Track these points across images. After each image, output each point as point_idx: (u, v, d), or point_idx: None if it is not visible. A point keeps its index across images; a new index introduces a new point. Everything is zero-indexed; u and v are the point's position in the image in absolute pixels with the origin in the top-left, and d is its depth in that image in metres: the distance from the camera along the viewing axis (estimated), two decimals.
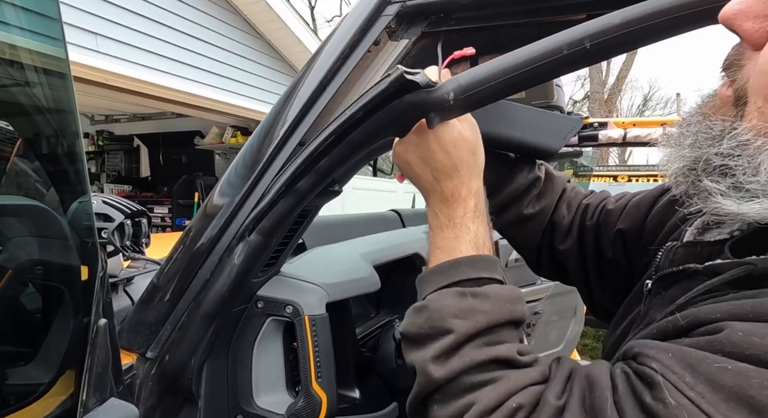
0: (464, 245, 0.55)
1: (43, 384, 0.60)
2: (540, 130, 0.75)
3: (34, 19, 0.57)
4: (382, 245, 1.14)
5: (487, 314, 0.50)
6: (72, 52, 3.15)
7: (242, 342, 0.79)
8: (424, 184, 0.59)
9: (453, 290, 0.52)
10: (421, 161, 0.58)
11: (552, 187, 0.81)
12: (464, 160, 0.57)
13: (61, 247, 0.65)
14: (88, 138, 6.85)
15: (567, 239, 0.79)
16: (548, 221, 0.80)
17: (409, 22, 0.68)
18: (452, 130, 0.57)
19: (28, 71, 0.58)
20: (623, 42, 0.50)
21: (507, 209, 0.79)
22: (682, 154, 0.46)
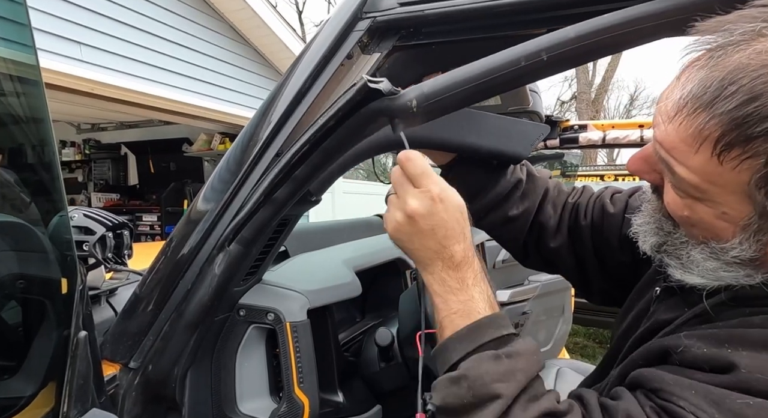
0: (481, 305, 0.56)
1: (26, 397, 0.61)
2: (509, 138, 0.78)
3: (1, 26, 0.57)
4: (365, 251, 1.16)
5: (525, 371, 0.52)
6: (56, 62, 3.12)
7: (225, 350, 0.80)
8: (428, 253, 0.57)
9: (487, 354, 0.52)
10: (431, 231, 0.56)
11: (534, 188, 0.83)
12: (467, 223, 0.58)
13: (42, 261, 0.66)
14: (74, 147, 6.78)
15: (557, 238, 0.82)
16: (533, 220, 0.82)
17: (380, 37, 0.71)
18: (457, 197, 0.57)
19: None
20: (578, 54, 0.53)
21: (492, 211, 0.82)
22: (651, 235, 0.56)
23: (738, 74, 0.41)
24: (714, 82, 0.42)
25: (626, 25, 0.50)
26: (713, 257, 0.49)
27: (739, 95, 0.40)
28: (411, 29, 0.69)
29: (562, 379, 1.62)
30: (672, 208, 0.52)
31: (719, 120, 0.42)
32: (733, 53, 0.42)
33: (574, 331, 4.60)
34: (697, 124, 0.43)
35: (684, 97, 0.45)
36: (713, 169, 0.44)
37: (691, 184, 0.47)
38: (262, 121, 0.72)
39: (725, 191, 0.45)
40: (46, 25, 3.24)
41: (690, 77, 0.45)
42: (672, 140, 0.47)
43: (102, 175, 6.73)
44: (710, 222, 0.48)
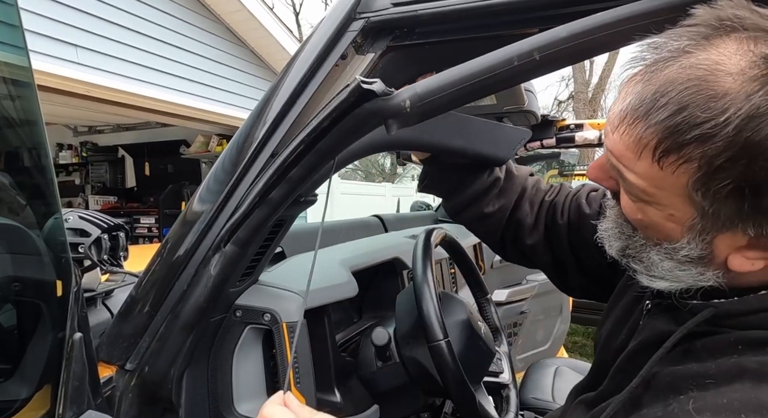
0: None
1: (21, 400, 0.61)
2: (493, 142, 0.80)
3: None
4: (362, 251, 1.16)
5: None
6: (52, 65, 3.12)
7: (222, 351, 0.80)
8: None
9: None
10: None
11: (511, 186, 0.87)
12: None
13: (36, 263, 0.66)
14: (71, 150, 6.77)
15: (533, 235, 0.85)
16: (509, 216, 0.86)
17: (374, 37, 0.71)
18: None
19: None
20: (570, 53, 0.53)
21: (469, 207, 0.86)
22: (615, 240, 0.58)
23: (668, 87, 0.44)
24: (648, 95, 0.46)
25: (618, 23, 0.50)
26: (668, 257, 0.51)
27: (669, 106, 0.44)
28: (404, 29, 0.69)
29: (560, 377, 1.62)
30: (627, 211, 0.54)
31: (654, 129, 0.45)
32: (664, 69, 0.45)
33: (573, 330, 4.60)
34: (636, 133, 0.47)
35: (624, 110, 0.48)
36: (656, 174, 0.47)
37: (640, 189, 0.49)
38: (257, 122, 0.72)
39: (670, 194, 0.48)
40: (42, 27, 3.23)
41: (629, 91, 0.48)
42: (619, 148, 0.50)
43: (99, 178, 6.72)
44: (661, 224, 0.51)
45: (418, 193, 8.70)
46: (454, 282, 1.61)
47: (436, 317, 0.76)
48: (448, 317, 0.85)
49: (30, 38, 3.12)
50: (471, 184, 0.84)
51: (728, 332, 0.49)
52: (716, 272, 0.49)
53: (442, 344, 0.75)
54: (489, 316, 1.12)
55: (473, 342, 0.87)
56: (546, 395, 1.53)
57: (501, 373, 1.00)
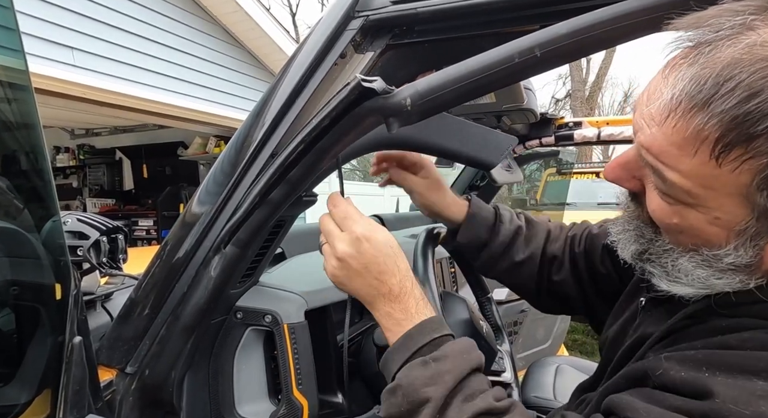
0: None
1: (21, 405, 0.61)
2: (485, 146, 0.82)
3: None
4: None
5: (452, 372, 0.53)
6: (49, 67, 3.11)
7: (223, 353, 0.79)
8: (369, 291, 0.60)
9: (417, 361, 0.55)
10: (364, 269, 0.59)
11: (536, 232, 0.89)
12: (399, 255, 0.61)
13: (35, 266, 0.66)
14: (68, 152, 6.75)
15: (561, 271, 0.87)
16: (540, 261, 0.88)
17: (373, 36, 0.70)
18: (382, 233, 0.61)
19: None
20: (571, 50, 0.53)
21: (500, 259, 0.88)
22: (631, 243, 0.55)
23: (734, 70, 0.38)
24: (708, 80, 0.39)
25: (620, 19, 0.50)
26: (705, 265, 0.47)
27: (738, 92, 0.38)
28: (404, 27, 0.68)
29: (561, 375, 1.62)
30: (658, 215, 0.49)
31: (718, 119, 0.39)
32: (724, 48, 0.39)
33: (573, 328, 4.61)
34: (693, 125, 0.41)
35: (676, 97, 0.42)
36: (709, 172, 0.42)
37: (683, 190, 0.44)
38: (256, 123, 0.72)
39: (720, 195, 0.43)
40: (38, 30, 3.22)
41: (678, 76, 0.42)
42: (660, 144, 0.44)
43: (97, 181, 6.70)
44: (701, 228, 0.46)
45: None
46: (455, 281, 1.61)
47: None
48: (450, 316, 0.84)
49: (25, 41, 3.09)
50: (496, 236, 0.86)
51: (721, 319, 0.48)
52: (759, 280, 0.46)
53: None
54: (490, 315, 1.11)
55: (475, 341, 0.87)
56: (547, 394, 1.52)
57: (503, 372, 0.99)
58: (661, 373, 0.46)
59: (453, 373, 0.53)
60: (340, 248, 0.60)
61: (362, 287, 0.60)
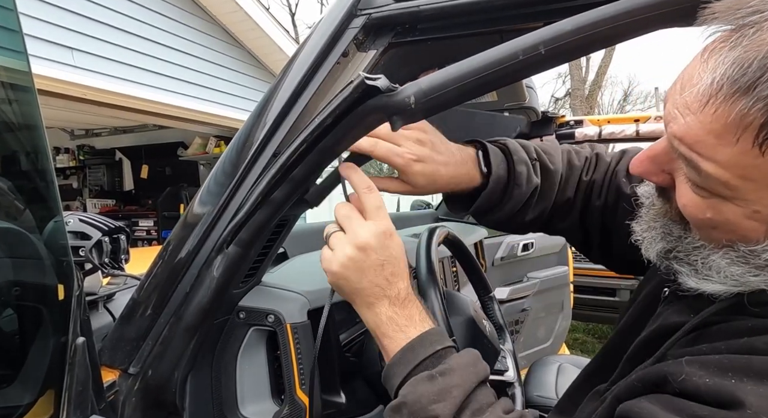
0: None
1: (24, 406, 0.60)
2: (492, 132, 0.79)
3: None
4: None
5: (461, 386, 0.51)
6: (48, 68, 3.10)
7: (225, 353, 0.79)
8: (375, 291, 0.56)
9: (422, 376, 0.52)
10: (380, 266, 0.56)
11: (550, 185, 0.76)
12: (406, 260, 0.58)
13: (37, 267, 0.65)
14: (68, 153, 6.75)
15: (567, 219, 0.78)
16: (549, 213, 0.78)
17: (376, 34, 0.70)
18: (395, 234, 0.58)
19: None
20: (576, 47, 0.52)
21: (509, 221, 0.77)
22: (657, 241, 0.52)
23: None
24: (754, 62, 0.37)
25: (624, 15, 0.49)
26: (741, 261, 0.45)
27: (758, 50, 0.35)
28: (406, 26, 0.68)
29: (563, 374, 1.62)
30: (691, 211, 0.47)
31: (765, 104, 0.37)
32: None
33: (574, 327, 4.61)
34: (736, 110, 0.38)
35: (717, 81, 0.39)
36: (750, 162, 0.39)
37: (720, 182, 0.42)
38: (258, 122, 0.71)
39: (761, 186, 0.40)
40: (38, 31, 3.22)
41: (721, 59, 0.39)
42: (696, 133, 0.41)
43: (97, 181, 6.70)
44: (738, 223, 0.44)
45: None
46: (456, 280, 1.61)
47: (441, 316, 0.76)
48: (453, 315, 0.84)
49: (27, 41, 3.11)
50: (509, 199, 0.73)
51: (746, 319, 0.46)
52: None
53: None
54: (493, 314, 1.11)
55: (478, 341, 0.86)
56: (550, 393, 1.52)
57: (506, 371, 0.99)
58: (683, 378, 0.43)
59: (461, 387, 0.51)
60: (363, 237, 0.56)
61: (369, 286, 0.56)
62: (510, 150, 0.74)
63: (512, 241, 2.41)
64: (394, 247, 0.57)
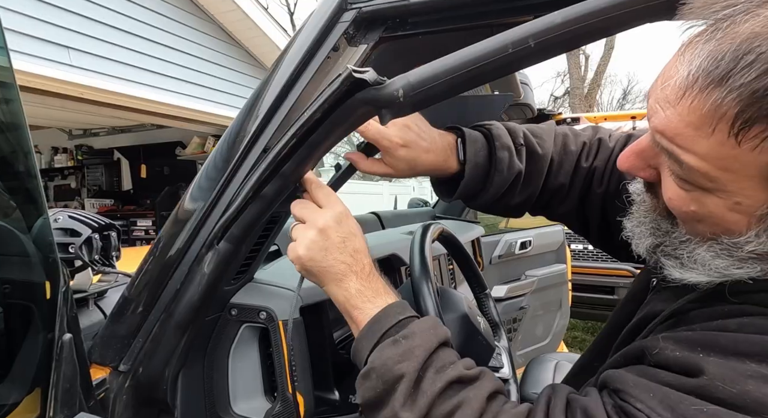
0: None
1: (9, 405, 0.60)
2: (479, 112, 0.79)
3: None
4: None
5: (422, 346, 0.54)
6: (45, 67, 3.10)
7: (218, 350, 0.79)
8: (341, 268, 0.59)
9: (386, 342, 0.55)
10: (341, 242, 0.60)
11: (537, 169, 0.76)
12: (364, 238, 0.62)
13: (26, 264, 0.65)
14: (66, 153, 6.73)
15: (566, 203, 0.78)
16: (537, 198, 0.78)
17: (366, 28, 0.70)
18: (351, 215, 0.62)
19: None
20: (566, 40, 0.52)
21: (495, 204, 0.78)
22: (646, 237, 0.54)
23: (753, 43, 0.37)
24: (727, 54, 0.38)
25: (615, 8, 0.49)
26: (725, 254, 0.45)
27: (758, 64, 0.36)
28: (397, 20, 0.68)
29: (560, 372, 1.61)
30: (675, 204, 0.48)
31: (738, 94, 0.37)
32: (742, 22, 0.38)
33: (572, 325, 4.61)
34: (711, 101, 0.39)
35: (693, 74, 0.40)
36: (728, 153, 0.40)
37: (701, 173, 0.43)
38: (248, 117, 0.71)
39: (740, 177, 0.41)
40: (34, 29, 3.21)
41: (696, 52, 0.40)
42: (676, 126, 0.42)
43: (95, 181, 6.69)
44: (721, 215, 0.45)
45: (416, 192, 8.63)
46: (453, 278, 1.60)
47: (434, 312, 0.75)
48: (447, 312, 0.84)
49: (21, 40, 3.10)
50: (490, 185, 0.74)
51: (724, 305, 0.48)
52: None
53: None
54: (488, 311, 1.11)
55: (472, 337, 0.86)
56: None
57: (501, 368, 0.99)
58: (657, 352, 0.47)
59: (423, 347, 0.54)
60: (322, 220, 0.60)
61: (336, 263, 0.59)
62: (493, 135, 0.74)
63: (510, 239, 2.41)
64: (351, 225, 0.61)
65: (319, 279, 0.61)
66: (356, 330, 0.59)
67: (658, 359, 0.46)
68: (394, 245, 1.22)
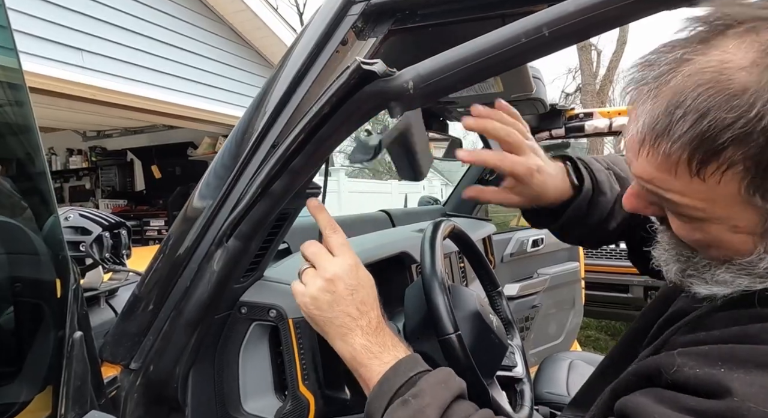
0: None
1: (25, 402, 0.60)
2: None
3: None
4: (369, 245, 1.14)
5: (433, 405, 0.52)
6: (58, 69, 3.14)
7: (228, 348, 0.78)
8: (346, 321, 0.58)
9: (396, 403, 0.53)
10: (349, 295, 0.59)
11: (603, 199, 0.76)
12: (376, 293, 0.62)
13: (37, 262, 0.65)
14: (81, 154, 6.83)
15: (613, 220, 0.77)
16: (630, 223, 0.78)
17: (375, 21, 0.68)
18: (362, 266, 0.62)
19: None
20: (580, 29, 0.50)
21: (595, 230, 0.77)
22: (672, 263, 0.55)
23: (679, 98, 0.42)
24: (660, 111, 0.44)
25: None
26: (743, 273, 0.47)
27: (689, 116, 0.41)
28: (406, 12, 0.66)
29: (575, 371, 1.59)
30: (682, 234, 0.50)
31: (681, 143, 0.42)
32: (668, 82, 0.43)
33: (586, 324, 4.55)
34: (662, 152, 0.44)
35: (641, 131, 0.46)
36: (701, 188, 0.44)
37: (690, 207, 0.46)
38: (257, 114, 0.70)
39: (725, 205, 0.44)
40: (47, 32, 3.25)
41: (638, 112, 0.46)
42: (649, 172, 0.47)
43: (109, 182, 6.77)
44: (726, 239, 0.47)
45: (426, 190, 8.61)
46: (464, 276, 1.59)
47: (445, 310, 0.74)
48: (459, 310, 0.82)
49: (35, 43, 3.14)
50: (594, 210, 0.74)
51: (750, 309, 0.47)
52: None
53: (452, 337, 0.72)
54: (501, 309, 1.09)
55: (485, 335, 0.84)
56: (561, 390, 1.50)
57: (514, 367, 0.97)
58: (675, 370, 0.45)
59: (434, 405, 0.52)
60: (332, 270, 0.60)
61: (341, 316, 0.58)
62: (585, 161, 0.77)
63: (522, 237, 2.38)
64: (361, 277, 0.61)
65: (324, 331, 0.60)
66: (366, 389, 0.57)
67: (676, 378, 0.44)
68: (405, 242, 1.21)
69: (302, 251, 0.64)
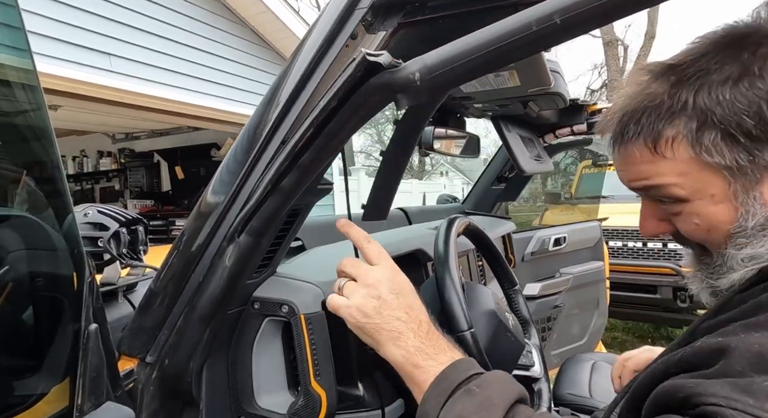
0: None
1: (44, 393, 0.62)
2: None
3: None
4: (384, 243, 1.13)
5: (501, 397, 0.49)
6: (88, 73, 3.23)
7: (241, 344, 0.79)
8: (396, 325, 0.56)
9: (459, 394, 0.50)
10: (395, 298, 0.57)
11: None
12: (418, 297, 0.61)
13: (56, 258, 0.67)
14: (111, 156, 7.06)
15: None
16: None
17: (385, 14, 0.68)
18: (401, 272, 0.61)
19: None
20: (594, 15, 0.48)
21: None
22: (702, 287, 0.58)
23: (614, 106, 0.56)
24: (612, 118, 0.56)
25: None
26: (742, 240, 0.50)
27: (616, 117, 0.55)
28: (416, 3, 0.65)
29: (598, 372, 1.55)
30: (689, 230, 0.54)
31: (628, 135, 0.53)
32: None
33: (612, 325, 4.43)
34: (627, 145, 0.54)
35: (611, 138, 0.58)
36: (666, 163, 0.51)
37: (672, 184, 0.52)
38: (268, 109, 0.70)
39: (693, 175, 0.50)
40: (77, 38, 3.36)
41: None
42: (630, 171, 0.55)
43: (137, 183, 6.97)
44: (712, 212, 0.51)
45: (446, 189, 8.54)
46: (482, 274, 1.56)
47: (459, 306, 0.73)
48: (473, 307, 0.81)
49: (65, 48, 3.26)
50: None
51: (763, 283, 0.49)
52: None
53: (466, 334, 0.71)
54: (518, 307, 1.07)
55: (500, 333, 0.83)
56: (583, 391, 1.46)
57: (531, 366, 0.95)
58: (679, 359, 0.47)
59: (502, 398, 0.49)
60: (373, 275, 0.58)
61: (390, 320, 0.56)
62: None
63: (543, 235, 2.33)
64: (403, 281, 0.60)
65: (374, 338, 0.57)
66: (419, 393, 0.54)
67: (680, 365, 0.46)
68: (420, 239, 1.20)
69: (339, 267, 0.63)
